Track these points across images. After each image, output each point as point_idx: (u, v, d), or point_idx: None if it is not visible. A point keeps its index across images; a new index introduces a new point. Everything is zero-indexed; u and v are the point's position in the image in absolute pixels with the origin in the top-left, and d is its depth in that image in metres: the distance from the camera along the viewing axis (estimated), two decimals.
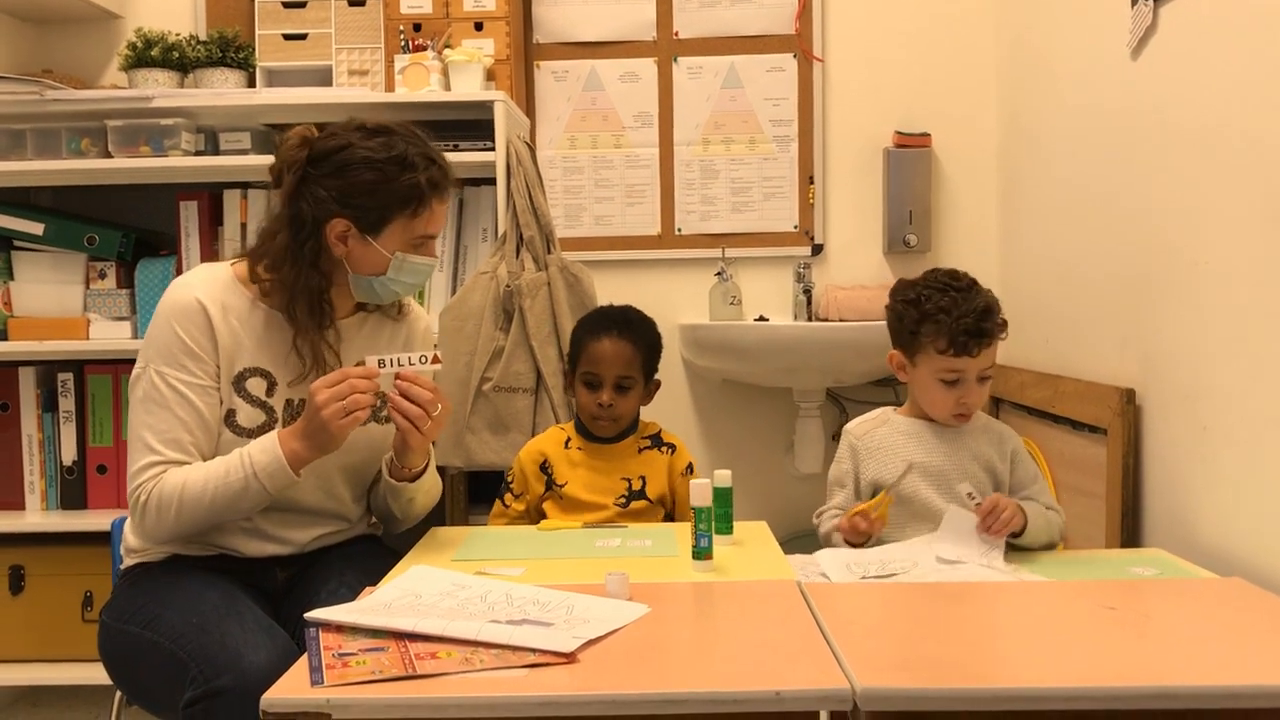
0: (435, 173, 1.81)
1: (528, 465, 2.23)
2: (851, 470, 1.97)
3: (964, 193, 3.11)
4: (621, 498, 2.18)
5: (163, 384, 1.75)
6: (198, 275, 1.85)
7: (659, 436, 2.27)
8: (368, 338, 1.94)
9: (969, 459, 1.92)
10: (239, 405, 1.80)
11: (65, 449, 2.79)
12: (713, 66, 3.14)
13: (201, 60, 2.83)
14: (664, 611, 1.48)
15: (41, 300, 2.76)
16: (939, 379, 1.90)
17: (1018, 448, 1.97)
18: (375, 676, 1.24)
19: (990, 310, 1.89)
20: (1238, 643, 1.37)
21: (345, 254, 1.82)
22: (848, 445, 1.99)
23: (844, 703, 1.20)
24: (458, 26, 2.83)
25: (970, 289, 1.91)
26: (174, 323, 1.77)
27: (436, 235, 1.87)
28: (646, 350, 2.24)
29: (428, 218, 1.82)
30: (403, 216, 1.80)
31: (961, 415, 1.92)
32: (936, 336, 1.88)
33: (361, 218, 1.79)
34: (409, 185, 1.78)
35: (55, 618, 2.71)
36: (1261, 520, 1.74)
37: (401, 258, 1.82)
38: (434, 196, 1.81)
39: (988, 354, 1.89)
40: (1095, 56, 2.37)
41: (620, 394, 2.19)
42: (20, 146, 2.70)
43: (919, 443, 1.94)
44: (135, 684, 1.75)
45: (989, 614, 1.52)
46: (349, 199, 1.78)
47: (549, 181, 3.06)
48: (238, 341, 1.80)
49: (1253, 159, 1.76)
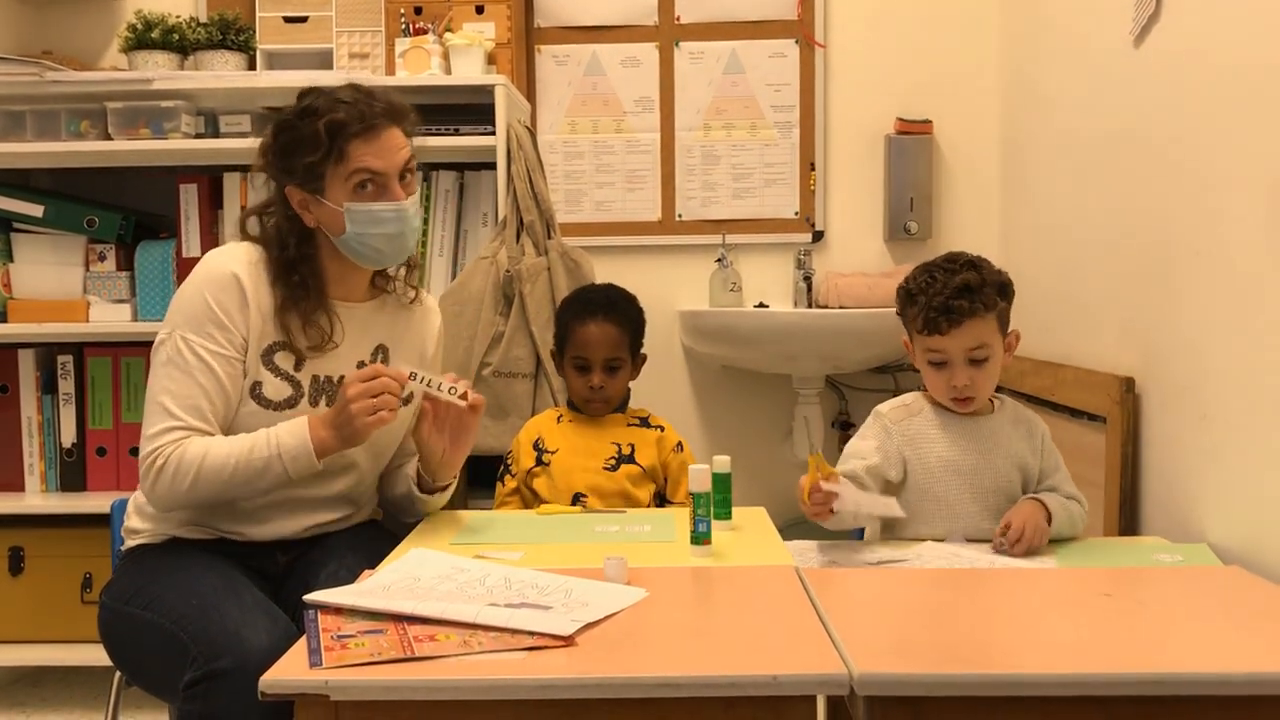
0: (343, 111, 1.77)
1: (524, 442, 2.26)
2: (878, 449, 1.87)
3: (965, 180, 3.11)
4: (611, 459, 2.20)
5: (187, 350, 1.76)
6: (232, 250, 1.87)
7: (648, 419, 2.30)
8: (385, 324, 1.96)
9: (1002, 456, 1.86)
10: (265, 378, 1.81)
11: (65, 431, 2.79)
12: (714, 51, 3.13)
13: (202, 42, 2.82)
14: (662, 596, 1.48)
15: (41, 282, 2.76)
16: (927, 360, 1.87)
17: (1045, 435, 1.92)
18: (374, 658, 1.24)
19: (968, 289, 1.80)
20: (1234, 630, 1.37)
21: (315, 221, 1.84)
22: (881, 427, 1.90)
23: (841, 687, 1.20)
24: (458, 10, 2.82)
25: (960, 269, 1.83)
26: (205, 291, 1.79)
27: (383, 173, 1.80)
28: (632, 330, 2.28)
29: (351, 159, 1.78)
30: (329, 165, 1.78)
31: (960, 400, 1.85)
32: (915, 317, 1.85)
33: (302, 179, 1.81)
34: (313, 132, 1.77)
35: (55, 599, 2.72)
36: (1260, 509, 1.74)
37: (352, 208, 1.80)
38: (347, 136, 1.77)
39: (966, 333, 1.81)
40: (1098, 44, 2.36)
41: (610, 375, 2.23)
42: (20, 128, 2.69)
43: (952, 439, 1.87)
44: (135, 665, 1.76)
45: (986, 600, 1.52)
46: (285, 165, 1.81)
47: (549, 166, 3.06)
48: (267, 314, 1.82)
49: (1255, 147, 1.75)
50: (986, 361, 1.84)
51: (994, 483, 1.86)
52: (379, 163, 1.80)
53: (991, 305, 1.83)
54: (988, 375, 1.85)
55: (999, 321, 1.85)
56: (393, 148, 1.82)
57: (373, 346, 1.93)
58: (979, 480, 1.86)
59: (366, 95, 1.81)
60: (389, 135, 1.81)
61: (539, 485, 2.21)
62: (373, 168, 1.80)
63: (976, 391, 1.85)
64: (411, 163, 1.86)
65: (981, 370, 1.84)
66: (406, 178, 1.86)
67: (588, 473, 2.18)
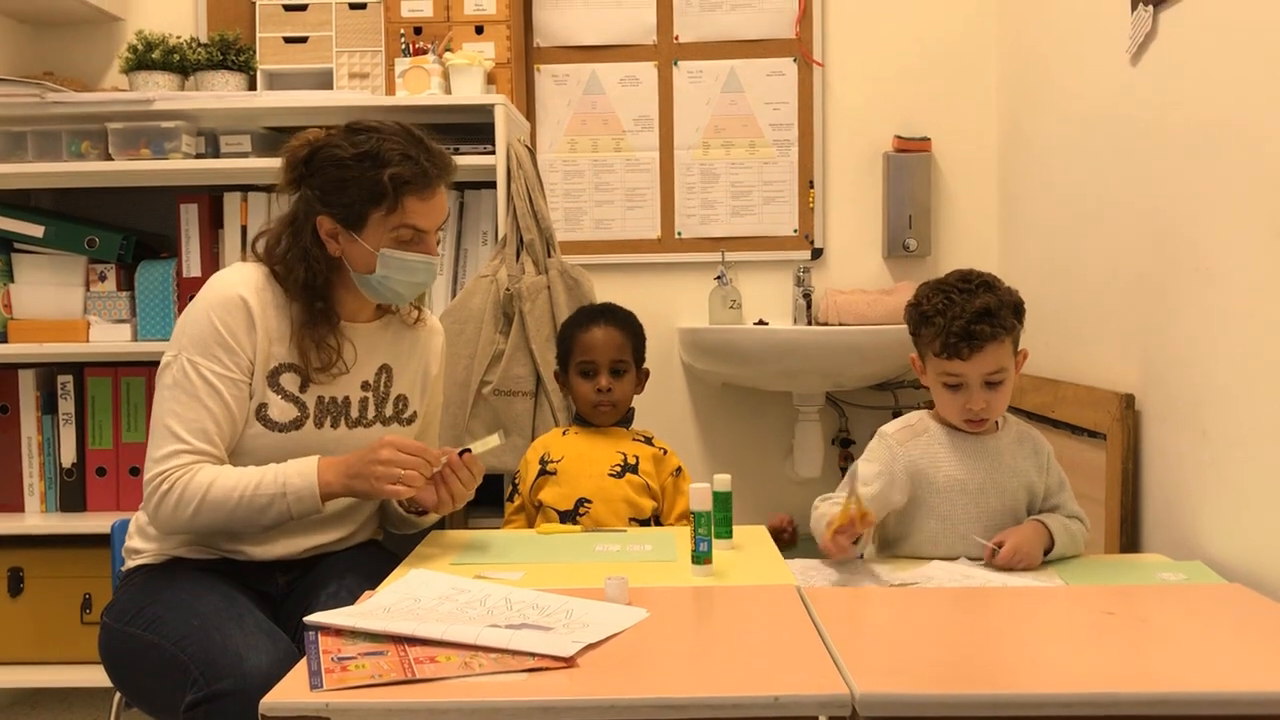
0: (408, 168, 1.80)
1: (530, 460, 2.26)
2: (885, 473, 1.87)
3: (964, 197, 3.12)
4: (616, 466, 2.19)
5: (194, 373, 1.77)
6: (239, 272, 1.87)
7: (651, 440, 2.30)
8: (389, 344, 1.97)
9: (1008, 475, 1.86)
10: (271, 400, 1.82)
11: (65, 451, 2.79)
12: (713, 70, 3.14)
13: (202, 63, 2.83)
14: (663, 616, 1.48)
15: (41, 302, 2.76)
16: (942, 383, 1.85)
17: (1050, 454, 1.92)
18: (374, 680, 1.24)
19: (988, 312, 1.79)
20: (1237, 649, 1.37)
21: (340, 252, 1.85)
22: (886, 448, 1.89)
23: (843, 708, 1.20)
24: (458, 30, 2.83)
25: (976, 290, 1.82)
26: (213, 314, 1.79)
27: (427, 230, 1.85)
28: (634, 337, 2.30)
29: (404, 213, 1.81)
30: (378, 212, 1.81)
31: (973, 422, 1.85)
32: (932, 339, 1.83)
33: (343, 215, 1.82)
34: (375, 181, 1.79)
35: (54, 620, 2.71)
36: (1262, 527, 1.74)
37: (387, 254, 1.82)
38: (407, 191, 1.81)
39: (987, 358, 1.80)
40: (1095, 62, 2.37)
41: (616, 378, 2.23)
42: (21, 149, 2.70)
43: (959, 459, 1.86)
44: (135, 686, 1.75)
45: (988, 619, 1.52)
46: (328, 197, 1.82)
47: (549, 185, 3.07)
48: (274, 337, 1.83)
49: (1253, 164, 1.76)
50: (1002, 385, 1.83)
51: (1000, 502, 1.86)
52: (427, 222, 1.85)
53: (1010, 328, 1.82)
54: (1002, 397, 1.85)
55: (1013, 343, 1.85)
56: (441, 208, 1.88)
57: (377, 366, 1.94)
58: (985, 500, 1.85)
59: (425, 151, 1.84)
60: (441, 196, 1.87)
61: (546, 495, 2.19)
62: (420, 226, 1.84)
63: (991, 414, 1.85)
64: (446, 220, 1.91)
65: (997, 392, 1.84)
66: (440, 233, 1.91)
67: (593, 478, 2.18)
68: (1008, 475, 1.86)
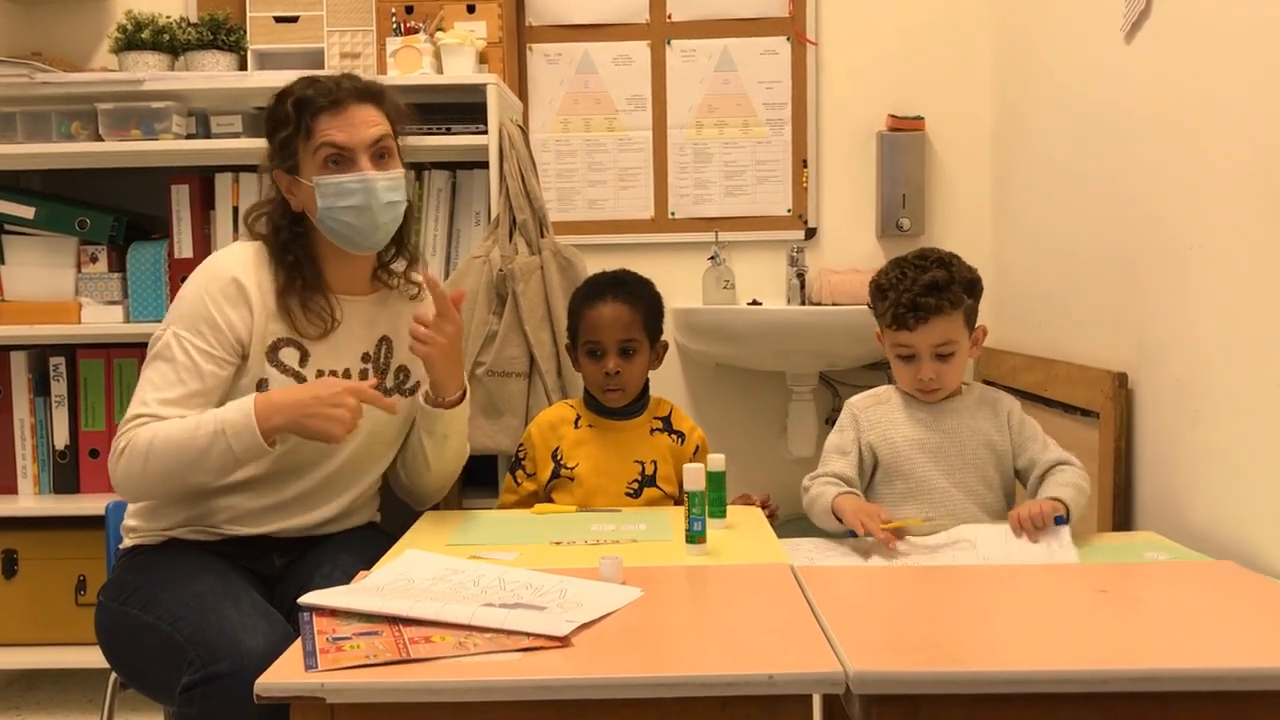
0: (311, 89, 1.83)
1: (539, 444, 2.17)
2: (854, 438, 1.95)
3: (958, 176, 3.11)
4: (634, 482, 2.14)
5: (177, 345, 1.78)
6: (234, 252, 1.89)
7: (670, 420, 2.22)
8: (389, 317, 1.97)
9: (968, 435, 1.93)
10: (272, 375, 1.83)
11: (58, 433, 2.78)
12: (706, 49, 3.13)
13: (192, 43, 2.82)
14: (657, 595, 1.48)
15: (32, 284, 2.75)
16: (895, 354, 1.95)
17: (1013, 410, 1.97)
18: (369, 660, 1.24)
19: (935, 286, 1.87)
20: (1229, 626, 1.38)
21: (300, 206, 1.86)
22: (850, 415, 1.99)
23: (837, 686, 1.20)
24: (449, 9, 2.81)
25: (929, 266, 1.89)
26: (204, 292, 1.81)
27: (349, 146, 1.82)
28: (646, 310, 2.18)
29: (318, 133, 1.81)
30: (300, 142, 1.83)
31: (925, 391, 1.93)
32: (884, 311, 1.92)
33: (282, 161, 1.85)
34: (283, 112, 1.83)
35: (49, 602, 2.71)
36: (1253, 504, 1.74)
37: (320, 181, 1.82)
38: (313, 110, 1.82)
39: (934, 330, 1.88)
40: (1089, 40, 2.37)
41: (626, 359, 2.13)
42: (10, 130, 2.68)
43: (916, 423, 1.94)
44: (131, 665, 1.76)
45: (982, 597, 1.53)
46: (271, 153, 1.87)
47: (542, 165, 3.06)
48: (271, 313, 1.83)
49: (1246, 143, 1.76)
50: (952, 356, 1.91)
51: (961, 459, 1.92)
52: (342, 136, 1.82)
53: (958, 303, 1.89)
54: (953, 369, 1.93)
55: (965, 318, 1.93)
56: (359, 122, 1.83)
57: (376, 338, 1.94)
58: (945, 458, 1.92)
59: (342, 77, 1.86)
60: (356, 110, 1.84)
61: (560, 497, 2.14)
62: (336, 141, 1.82)
63: (941, 384, 1.94)
64: (386, 141, 1.87)
65: (947, 364, 1.92)
66: (383, 157, 1.87)
67: (610, 495, 2.12)
68: (967, 435, 1.93)
